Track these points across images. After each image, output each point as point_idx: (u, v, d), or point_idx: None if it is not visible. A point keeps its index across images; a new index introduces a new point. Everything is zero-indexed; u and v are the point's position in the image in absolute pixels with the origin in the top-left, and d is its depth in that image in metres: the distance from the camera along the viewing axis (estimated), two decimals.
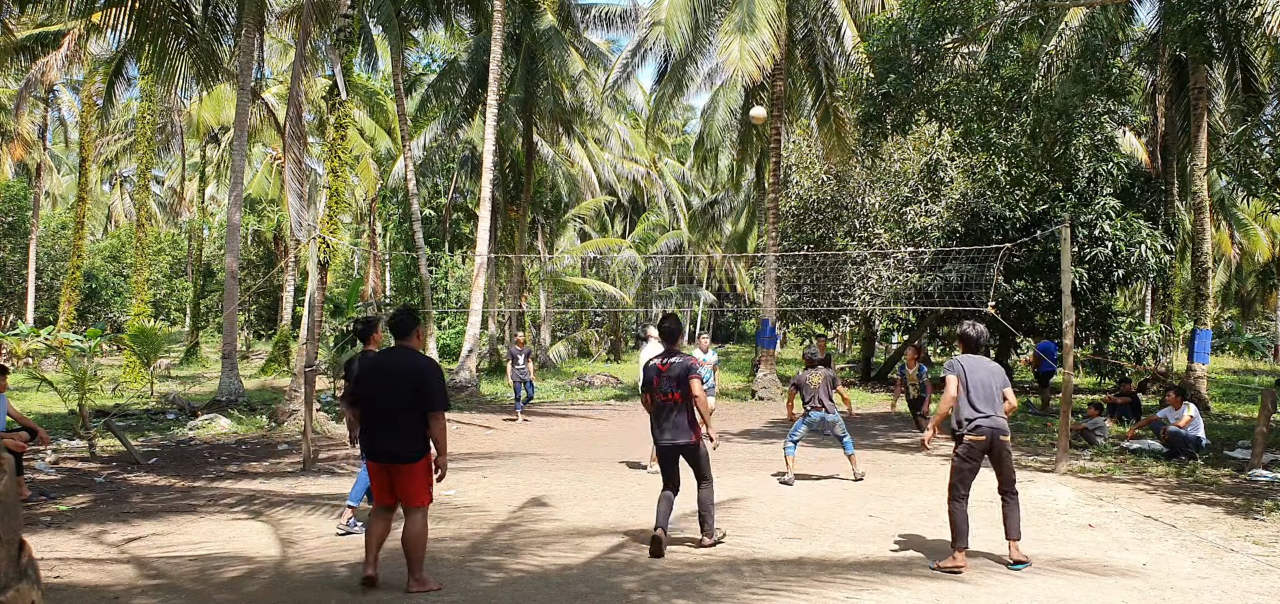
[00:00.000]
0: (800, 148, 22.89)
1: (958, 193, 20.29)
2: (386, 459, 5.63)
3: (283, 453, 12.04)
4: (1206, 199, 19.95)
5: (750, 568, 6.33)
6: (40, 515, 7.89)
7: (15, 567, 3.55)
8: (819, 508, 8.57)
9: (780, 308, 22.67)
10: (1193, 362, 19.03)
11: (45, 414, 14.78)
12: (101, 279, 45.33)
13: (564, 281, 36.05)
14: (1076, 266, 19.26)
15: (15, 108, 29.96)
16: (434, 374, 5.65)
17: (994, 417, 6.30)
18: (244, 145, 19.23)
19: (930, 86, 21.18)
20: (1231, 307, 48.19)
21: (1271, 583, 6.10)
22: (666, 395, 6.64)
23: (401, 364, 5.67)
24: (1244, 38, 18.80)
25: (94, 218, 50.04)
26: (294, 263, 33.55)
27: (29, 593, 3.56)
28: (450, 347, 34.11)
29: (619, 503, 8.73)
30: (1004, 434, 6.35)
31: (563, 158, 33.03)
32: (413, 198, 27.13)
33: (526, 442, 13.69)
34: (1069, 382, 11.24)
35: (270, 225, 42.20)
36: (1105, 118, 20.94)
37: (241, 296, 32.11)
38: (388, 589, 5.75)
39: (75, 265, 27.13)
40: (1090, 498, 9.06)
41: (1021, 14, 15.79)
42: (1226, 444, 12.84)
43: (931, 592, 5.82)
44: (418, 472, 5.61)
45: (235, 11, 19.04)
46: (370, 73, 30.23)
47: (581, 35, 28.80)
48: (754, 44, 18.95)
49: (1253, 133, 15.78)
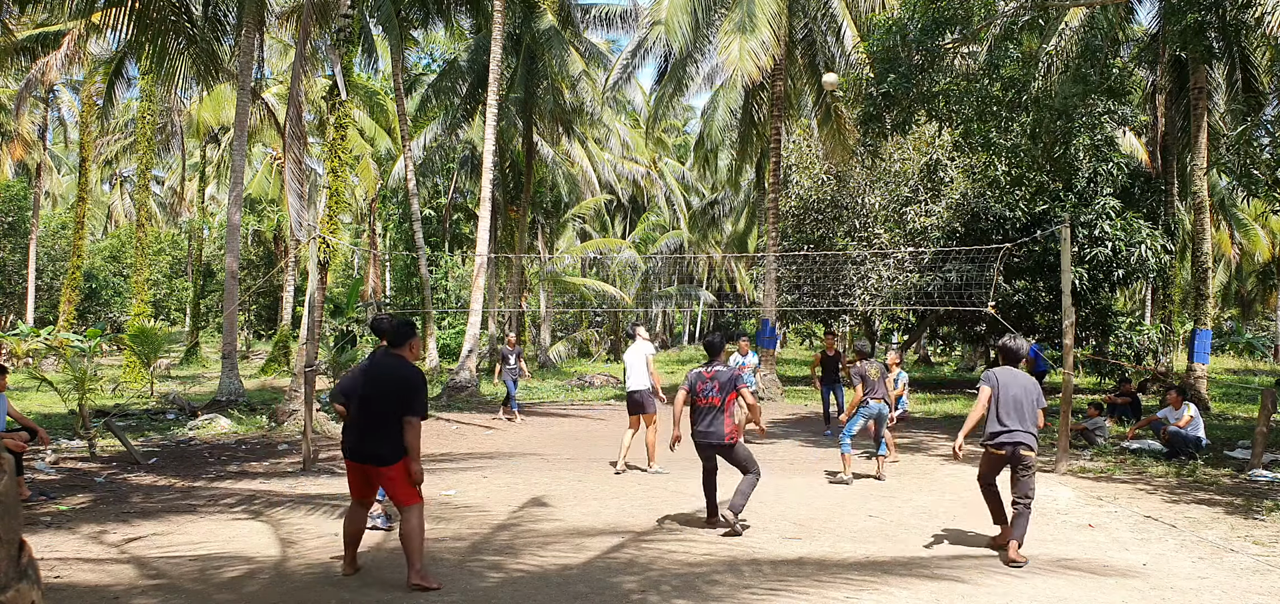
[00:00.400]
0: (800, 148, 22.89)
1: (958, 193, 20.29)
2: (364, 460, 5.78)
3: (283, 453, 12.04)
4: (1206, 199, 19.95)
5: (750, 568, 6.33)
6: (40, 515, 7.89)
7: (15, 567, 3.55)
8: (819, 508, 8.57)
9: (780, 308, 22.67)
10: (1193, 362, 19.03)
11: (45, 414, 14.78)
12: (101, 279, 45.35)
13: (564, 281, 36.06)
14: (1076, 266, 19.26)
15: (15, 108, 29.96)
16: (418, 383, 5.75)
17: (1017, 431, 6.58)
18: (244, 145, 19.23)
19: (930, 86, 21.17)
20: (1231, 307, 48.21)
21: (1271, 583, 6.10)
22: (708, 400, 7.31)
23: (391, 371, 5.79)
24: (1244, 38, 18.81)
25: (94, 218, 50.09)
26: (294, 263, 33.56)
27: (29, 593, 3.56)
28: (450, 347, 34.11)
29: (619, 503, 8.73)
30: (1027, 448, 6.60)
31: (563, 158, 33.03)
32: (413, 198, 27.12)
33: (526, 442, 13.69)
34: (1069, 381, 11.25)
35: (270, 225, 42.21)
36: (1105, 118, 20.93)
37: (241, 296, 32.13)
38: (388, 587, 5.75)
39: (75, 265, 27.13)
40: (1090, 498, 9.07)
41: (1021, 14, 15.78)
42: (1226, 444, 12.85)
43: (931, 592, 5.82)
44: (396, 474, 5.70)
45: (235, 11, 19.03)
46: (370, 73, 30.22)
47: (581, 35, 28.79)
48: (754, 44, 18.94)
49: (1253, 133, 15.79)
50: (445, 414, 17.12)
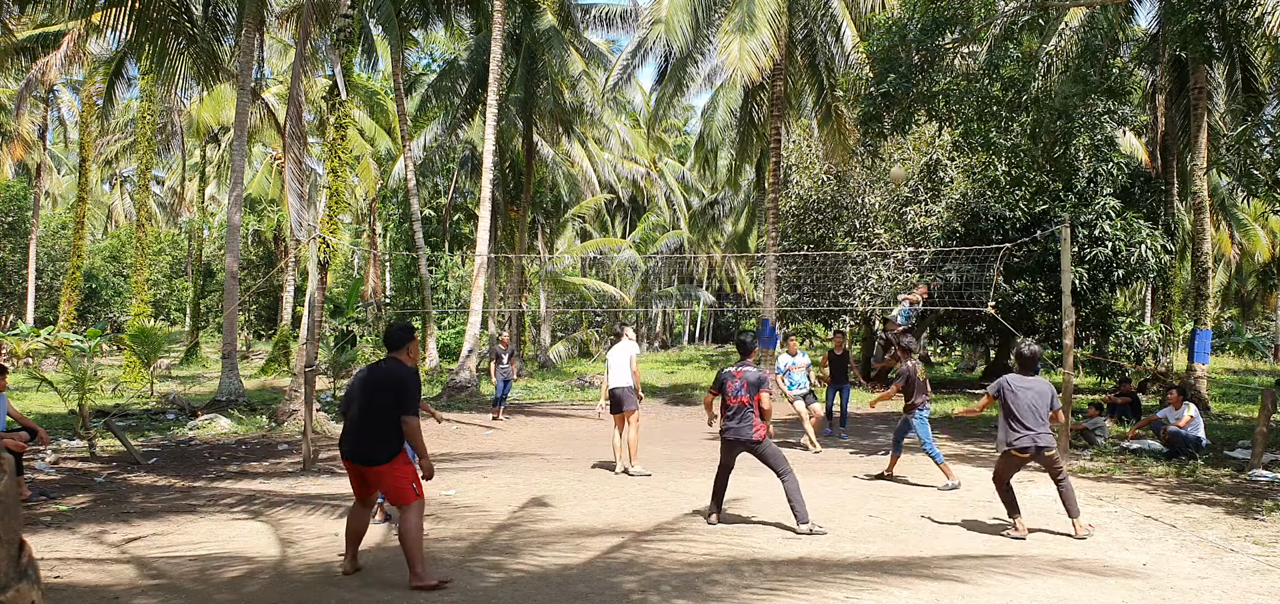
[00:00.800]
0: (800, 148, 22.88)
1: (958, 193, 20.29)
2: (359, 460, 5.84)
3: (283, 453, 12.04)
4: (1206, 199, 19.94)
5: (750, 568, 6.33)
6: (40, 515, 7.89)
7: (15, 567, 3.55)
8: (819, 508, 8.57)
9: (780, 308, 22.67)
10: (1193, 362, 19.02)
11: (45, 414, 14.77)
12: (101, 279, 45.37)
13: (564, 281, 36.06)
14: (1076, 267, 19.26)
15: (15, 108, 29.97)
16: (411, 383, 5.82)
17: (1036, 432, 7.17)
18: (244, 145, 19.23)
19: (930, 86, 21.18)
20: (1231, 307, 48.20)
21: (1271, 583, 6.10)
22: (738, 398, 7.55)
23: (386, 373, 5.89)
24: (1244, 38, 18.79)
25: (94, 218, 50.09)
26: (294, 263, 33.56)
27: (29, 593, 3.56)
28: (450, 347, 34.12)
29: (619, 503, 8.73)
30: (1049, 448, 7.24)
31: (563, 158, 33.03)
32: (413, 198, 27.12)
33: (526, 442, 13.69)
34: (1069, 381, 11.24)
35: (270, 225, 42.21)
36: (1105, 118, 20.93)
37: (241, 297, 32.13)
38: (388, 587, 5.75)
39: (75, 265, 27.13)
40: (1090, 498, 9.06)
41: (1021, 14, 15.79)
42: (1226, 444, 12.84)
43: (931, 592, 5.82)
44: (391, 472, 5.75)
45: (235, 11, 19.03)
46: (370, 73, 30.24)
47: (581, 35, 28.79)
48: (754, 44, 18.93)
49: (1253, 133, 15.78)
50: (445, 414, 17.12)
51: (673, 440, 13.95)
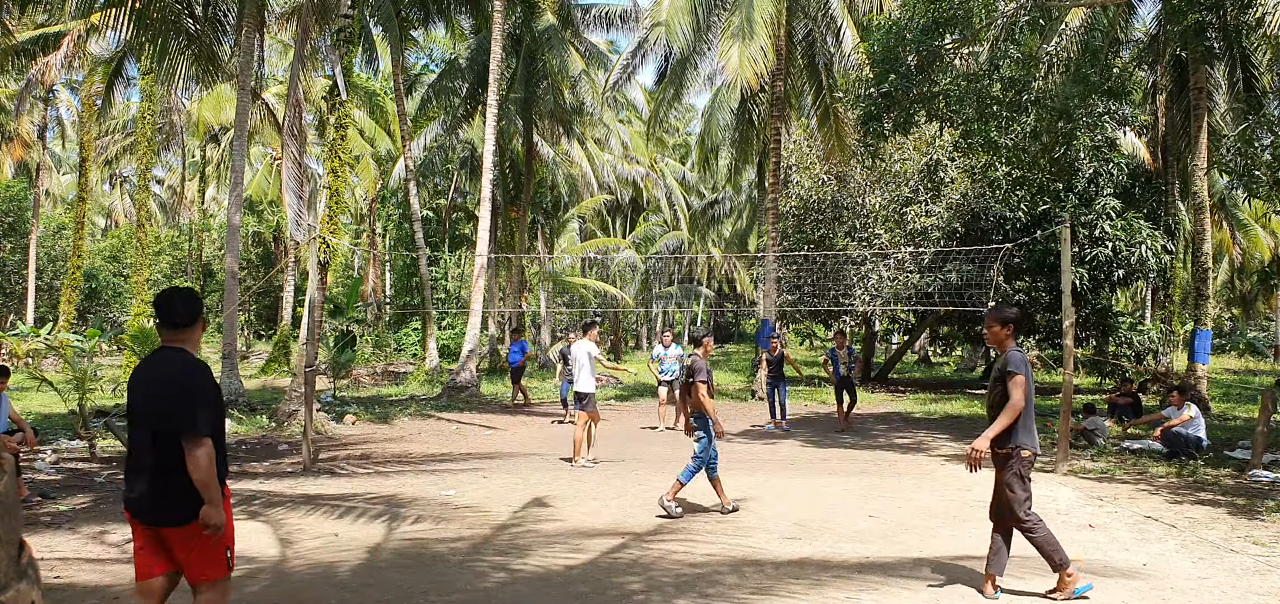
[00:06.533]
0: (800, 148, 22.85)
1: (958, 193, 20.27)
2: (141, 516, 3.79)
3: (283, 453, 12.04)
4: (1207, 199, 19.93)
5: (752, 568, 6.33)
6: (40, 515, 7.89)
7: (15, 567, 3.55)
8: (819, 508, 8.57)
9: (780, 308, 22.66)
10: (1193, 362, 19.02)
11: (45, 414, 14.77)
12: (101, 279, 45.32)
13: (564, 282, 36.04)
14: (1077, 267, 19.24)
15: (15, 108, 29.96)
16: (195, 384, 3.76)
17: None
18: (244, 145, 19.21)
19: (930, 87, 21.16)
20: (1233, 307, 48.20)
21: (1272, 583, 6.09)
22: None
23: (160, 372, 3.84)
24: (1244, 38, 18.78)
25: (94, 218, 50.06)
26: (294, 263, 33.55)
27: (29, 593, 3.56)
28: (450, 347, 34.12)
29: (620, 503, 8.73)
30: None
31: (563, 158, 33.01)
32: (413, 198, 27.11)
33: (526, 442, 13.68)
34: (1069, 382, 11.24)
35: (270, 226, 42.21)
36: (1106, 118, 20.91)
37: (241, 297, 32.10)
38: (389, 587, 5.75)
39: (75, 265, 27.13)
40: (1090, 498, 9.06)
41: (1022, 14, 15.77)
42: (1227, 444, 12.84)
43: (932, 592, 5.82)
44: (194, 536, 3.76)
45: (235, 11, 19.01)
46: (370, 73, 30.23)
47: (581, 35, 28.78)
48: (753, 50, 18.87)
49: (1253, 133, 15.78)
50: (445, 414, 17.12)
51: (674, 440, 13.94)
